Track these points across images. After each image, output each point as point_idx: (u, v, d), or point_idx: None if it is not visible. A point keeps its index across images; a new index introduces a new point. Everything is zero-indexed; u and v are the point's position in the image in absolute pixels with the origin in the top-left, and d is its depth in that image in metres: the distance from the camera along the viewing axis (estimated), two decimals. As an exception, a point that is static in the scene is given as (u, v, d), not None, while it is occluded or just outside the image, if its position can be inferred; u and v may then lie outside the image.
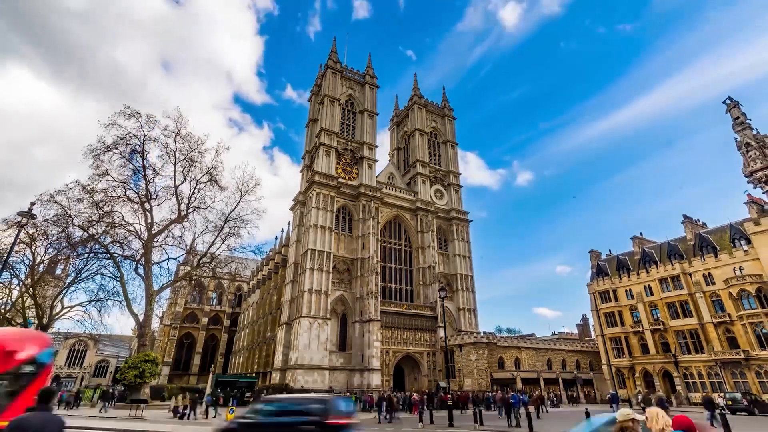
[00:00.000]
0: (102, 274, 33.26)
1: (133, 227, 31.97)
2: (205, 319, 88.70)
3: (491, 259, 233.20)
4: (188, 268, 39.58)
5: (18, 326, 33.51)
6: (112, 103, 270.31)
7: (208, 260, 35.19)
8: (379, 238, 59.12)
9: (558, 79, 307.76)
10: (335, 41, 70.40)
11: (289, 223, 67.51)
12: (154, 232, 31.99)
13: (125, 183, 31.82)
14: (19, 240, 26.58)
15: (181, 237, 33.59)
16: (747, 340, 41.68)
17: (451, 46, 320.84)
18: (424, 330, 55.92)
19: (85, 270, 33.17)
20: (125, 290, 31.10)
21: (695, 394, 44.21)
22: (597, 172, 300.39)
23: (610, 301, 54.88)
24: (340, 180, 59.87)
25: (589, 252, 62.91)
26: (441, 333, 53.79)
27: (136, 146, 31.42)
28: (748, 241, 43.95)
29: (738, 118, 24.36)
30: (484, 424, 23.03)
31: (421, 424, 22.53)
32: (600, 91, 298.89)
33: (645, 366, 49.93)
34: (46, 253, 33.67)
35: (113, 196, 31.12)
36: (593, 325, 61.08)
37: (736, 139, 24.01)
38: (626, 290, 54.07)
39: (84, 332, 41.42)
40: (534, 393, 38.92)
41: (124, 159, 31.34)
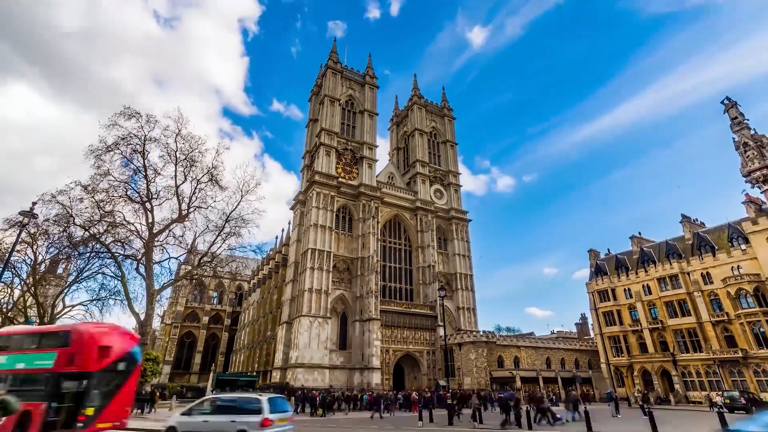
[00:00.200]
0: (103, 274, 33.38)
1: (134, 227, 32.05)
2: (205, 318, 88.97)
3: (484, 260, 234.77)
4: (189, 268, 39.71)
5: (20, 325, 33.72)
6: (105, 111, 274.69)
7: (209, 259, 35.24)
8: (379, 238, 59.32)
9: (542, 86, 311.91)
10: (335, 42, 70.58)
11: (290, 223, 67.76)
12: (155, 232, 32.07)
13: (126, 183, 31.92)
14: (20, 239, 26.74)
15: (182, 236, 33.62)
16: (745, 339, 41.93)
17: (422, 69, 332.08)
18: (424, 329, 56.14)
19: (86, 269, 33.30)
20: (126, 289, 31.20)
21: (693, 393, 44.49)
22: (592, 172, 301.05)
23: (609, 300, 55.11)
24: (341, 180, 60.04)
25: (588, 251, 63.18)
26: (440, 332, 54.01)
27: (137, 146, 31.50)
28: (746, 241, 44.15)
29: (736, 118, 24.54)
30: (483, 422, 23.24)
31: (421, 422, 22.72)
32: (581, 100, 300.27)
33: (643, 365, 50.18)
34: (47, 252, 33.84)
35: (114, 195, 31.22)
36: (592, 324, 61.33)
37: (734, 139, 24.19)
38: (625, 289, 54.30)
39: (85, 331, 41.52)
40: (570, 392, 35.32)
41: (125, 159, 31.47)
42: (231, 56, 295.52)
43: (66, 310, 35.96)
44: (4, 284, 32.93)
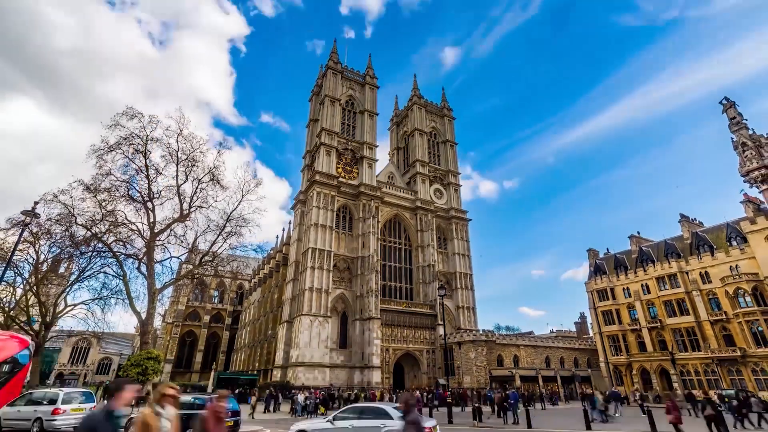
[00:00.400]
0: (105, 273, 33.55)
1: (136, 226, 32.25)
2: (207, 317, 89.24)
3: (481, 260, 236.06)
4: (190, 267, 39.88)
5: (21, 324, 33.91)
6: (102, 119, 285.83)
7: (210, 259, 35.45)
8: (379, 237, 59.52)
9: (535, 88, 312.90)
10: (335, 42, 70.66)
11: (290, 222, 68.00)
12: (156, 231, 32.29)
13: (128, 182, 32.14)
14: (22, 239, 26.92)
15: (183, 236, 33.84)
16: (743, 338, 42.12)
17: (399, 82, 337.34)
18: (424, 328, 56.36)
19: (88, 268, 33.46)
20: (128, 288, 31.42)
21: (693, 392, 44.65)
22: (589, 172, 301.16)
23: (608, 299, 55.30)
24: (341, 179, 60.22)
25: (587, 251, 63.34)
26: (440, 331, 54.23)
27: (139, 146, 31.71)
28: (745, 240, 44.31)
29: (734, 118, 24.67)
30: (483, 421, 23.46)
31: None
32: (567, 106, 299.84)
33: (642, 363, 50.37)
34: (49, 251, 34.04)
35: (116, 195, 31.43)
36: (591, 323, 61.53)
37: (733, 139, 24.33)
38: (624, 288, 54.48)
39: (87, 330, 41.64)
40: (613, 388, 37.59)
41: (127, 159, 31.66)
42: (221, 69, 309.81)
43: (68, 309, 36.10)
44: (6, 283, 33.11)
